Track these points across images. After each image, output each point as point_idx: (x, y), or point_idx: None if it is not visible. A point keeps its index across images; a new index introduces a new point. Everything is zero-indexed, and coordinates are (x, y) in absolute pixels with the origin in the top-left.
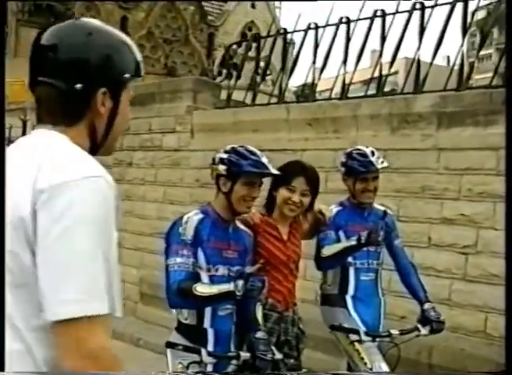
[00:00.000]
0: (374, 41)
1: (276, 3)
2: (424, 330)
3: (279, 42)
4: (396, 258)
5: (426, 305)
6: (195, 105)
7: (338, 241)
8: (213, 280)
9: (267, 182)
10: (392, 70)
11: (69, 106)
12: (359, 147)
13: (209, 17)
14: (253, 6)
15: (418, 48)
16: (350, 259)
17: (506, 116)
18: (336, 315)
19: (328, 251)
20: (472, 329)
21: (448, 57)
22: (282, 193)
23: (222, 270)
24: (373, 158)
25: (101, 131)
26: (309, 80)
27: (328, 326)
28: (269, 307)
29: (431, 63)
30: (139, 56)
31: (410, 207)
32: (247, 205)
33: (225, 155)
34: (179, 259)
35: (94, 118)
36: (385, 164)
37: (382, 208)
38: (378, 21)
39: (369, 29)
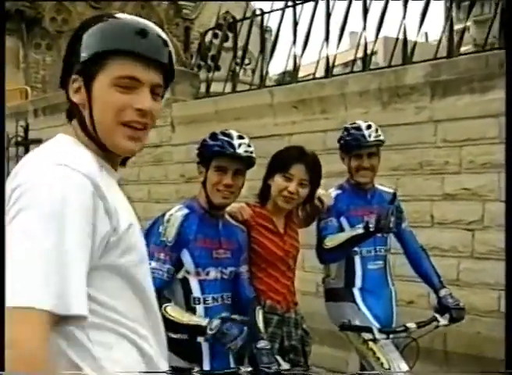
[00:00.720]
0: (353, 21)
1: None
2: (443, 320)
3: (255, 30)
4: (405, 243)
5: (442, 292)
6: (174, 97)
7: (341, 229)
8: (204, 286)
9: (261, 171)
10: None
11: (68, 101)
12: (357, 121)
13: (184, 11)
14: None
15: (403, 23)
16: (354, 248)
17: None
18: (343, 311)
19: (331, 241)
20: (485, 309)
21: (426, 33)
22: (278, 181)
23: (213, 273)
24: (366, 132)
25: (88, 124)
26: (290, 62)
27: (336, 324)
28: (268, 309)
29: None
30: (128, 27)
31: (408, 185)
32: (222, 194)
33: (202, 140)
34: (153, 263)
35: (81, 110)
36: (381, 138)
37: (390, 190)
38: None
39: (349, 4)
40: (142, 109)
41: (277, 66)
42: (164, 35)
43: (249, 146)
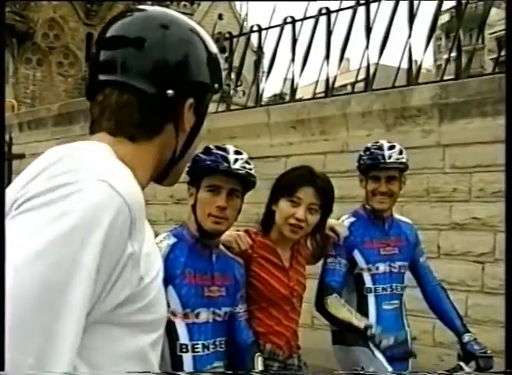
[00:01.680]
0: (353, 42)
1: (243, 15)
2: (468, 369)
3: (250, 55)
4: (423, 280)
5: (466, 337)
6: None
7: (352, 267)
8: (193, 331)
9: (256, 194)
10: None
11: (146, 115)
12: (380, 140)
13: None
14: (220, 17)
15: (407, 45)
16: (369, 283)
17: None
18: (355, 356)
19: (334, 307)
20: (497, 349)
21: (416, 61)
22: (283, 207)
23: (204, 315)
24: (387, 152)
25: (178, 152)
26: (288, 82)
27: (345, 370)
28: (269, 355)
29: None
30: (221, 63)
31: (414, 213)
32: (214, 219)
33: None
34: None
35: (177, 135)
36: (403, 160)
37: (408, 221)
38: (361, 12)
39: (352, 20)
40: None
41: (271, 88)
42: None
43: (247, 163)
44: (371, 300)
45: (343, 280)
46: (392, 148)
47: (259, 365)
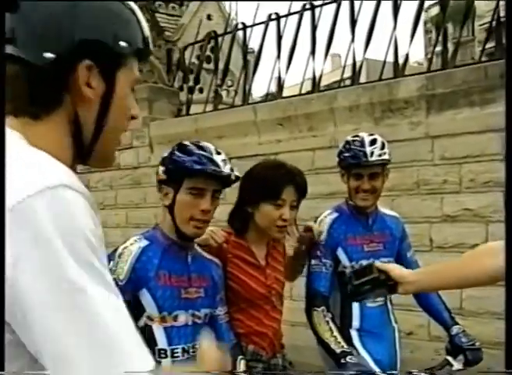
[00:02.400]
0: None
1: (232, 14)
2: (456, 364)
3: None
4: None
5: (455, 330)
6: (151, 116)
7: (336, 266)
8: (172, 335)
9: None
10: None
11: (36, 87)
12: (360, 133)
13: (166, 33)
14: (209, 18)
15: (392, 38)
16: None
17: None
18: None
19: (318, 323)
20: (493, 340)
21: (407, 55)
22: (267, 210)
23: (183, 317)
24: (368, 149)
25: (88, 126)
26: (274, 81)
27: (331, 370)
28: (252, 356)
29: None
30: (146, 27)
31: (404, 206)
32: (196, 224)
33: (166, 154)
34: None
35: (77, 105)
36: (386, 156)
37: (393, 214)
38: (346, 6)
39: (336, 14)
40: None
41: (260, 88)
42: None
43: (229, 163)
44: None
45: (330, 282)
46: (373, 142)
47: (241, 368)
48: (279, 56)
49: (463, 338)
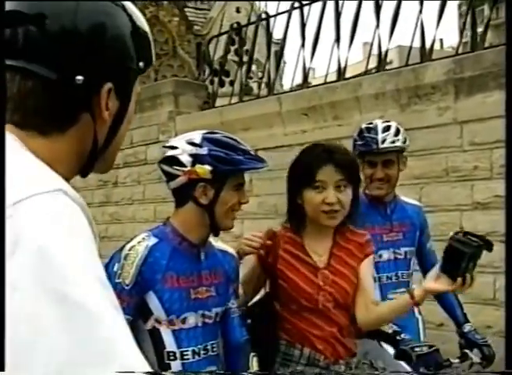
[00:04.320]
0: (364, 24)
1: (262, 6)
2: (475, 357)
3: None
4: (426, 266)
5: (467, 327)
6: (177, 110)
7: None
8: (181, 337)
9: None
10: (387, 60)
11: (55, 105)
12: (375, 121)
13: (195, 27)
14: (237, 11)
15: (418, 23)
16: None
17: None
18: (363, 349)
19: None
20: None
21: (441, 40)
22: (309, 196)
23: (192, 319)
24: (381, 136)
25: (101, 142)
26: (300, 71)
27: None
28: (307, 360)
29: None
30: (151, 39)
31: (433, 194)
32: (233, 216)
33: (203, 150)
34: None
35: (95, 125)
36: (399, 144)
37: (414, 202)
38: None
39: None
40: None
41: (289, 79)
42: None
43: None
44: (376, 290)
45: None
46: (386, 129)
47: (254, 365)
48: (303, 45)
49: (476, 335)
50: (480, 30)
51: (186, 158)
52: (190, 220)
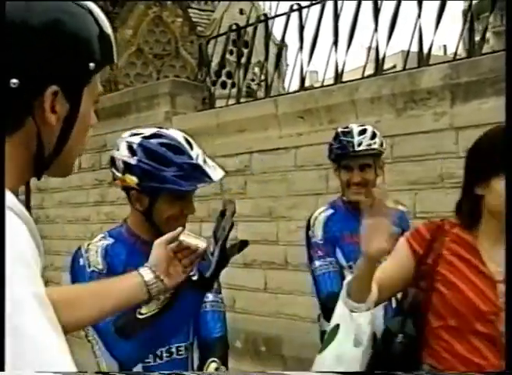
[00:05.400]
0: (363, 26)
1: (267, 9)
2: None
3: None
4: None
5: None
6: (174, 110)
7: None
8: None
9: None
10: (390, 65)
11: None
12: (350, 124)
13: (198, 28)
14: (241, 12)
15: (417, 26)
16: None
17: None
18: None
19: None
20: None
21: (445, 46)
22: (499, 187)
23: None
24: (356, 139)
25: (51, 145)
26: (299, 74)
27: None
28: None
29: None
30: (109, 30)
31: (428, 201)
32: (180, 223)
33: (133, 160)
34: None
35: (40, 129)
36: (376, 146)
37: (396, 207)
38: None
39: (359, 4)
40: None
41: (294, 81)
42: None
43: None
44: None
45: (340, 280)
46: (362, 132)
47: (208, 370)
48: (301, 47)
49: None
50: (479, 36)
51: (119, 164)
52: (135, 222)
